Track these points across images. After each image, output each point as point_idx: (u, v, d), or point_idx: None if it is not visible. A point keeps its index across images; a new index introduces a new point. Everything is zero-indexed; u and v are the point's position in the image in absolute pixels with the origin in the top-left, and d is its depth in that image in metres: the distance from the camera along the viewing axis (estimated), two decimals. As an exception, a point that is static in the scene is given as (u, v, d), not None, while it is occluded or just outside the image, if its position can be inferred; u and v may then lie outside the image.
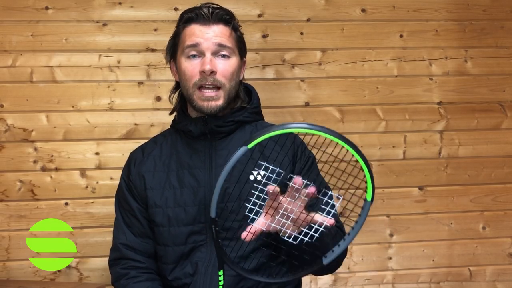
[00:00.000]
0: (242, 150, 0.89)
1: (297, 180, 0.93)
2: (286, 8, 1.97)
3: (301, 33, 1.98)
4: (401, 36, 2.02)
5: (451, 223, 2.05)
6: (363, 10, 2.00)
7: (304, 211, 0.97)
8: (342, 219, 1.25)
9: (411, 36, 2.02)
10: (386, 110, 2.01)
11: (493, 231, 2.06)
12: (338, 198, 0.96)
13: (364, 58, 2.00)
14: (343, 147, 0.88)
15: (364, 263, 2.02)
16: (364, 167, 0.88)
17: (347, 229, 0.99)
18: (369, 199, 0.90)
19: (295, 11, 1.98)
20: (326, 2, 1.99)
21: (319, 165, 1.32)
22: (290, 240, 0.98)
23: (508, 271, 2.08)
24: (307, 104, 1.98)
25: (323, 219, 0.96)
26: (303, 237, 0.97)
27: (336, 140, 0.87)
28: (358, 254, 2.02)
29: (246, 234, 0.98)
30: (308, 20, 1.98)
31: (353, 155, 0.88)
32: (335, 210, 1.00)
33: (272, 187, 0.94)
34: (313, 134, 0.88)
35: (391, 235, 2.03)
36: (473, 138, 2.05)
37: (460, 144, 2.04)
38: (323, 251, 0.97)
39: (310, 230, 0.97)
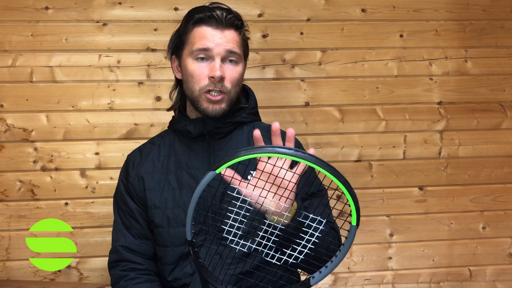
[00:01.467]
0: (210, 175, 0.88)
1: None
2: (286, 8, 1.97)
3: (301, 33, 1.98)
4: (401, 36, 2.02)
5: (451, 223, 2.05)
6: (363, 10, 2.00)
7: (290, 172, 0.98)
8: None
9: (411, 36, 2.02)
10: (386, 110, 2.01)
11: (493, 231, 2.06)
12: (321, 222, 0.95)
13: (364, 58, 2.00)
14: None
15: (364, 263, 2.02)
16: (346, 192, 0.86)
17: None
18: (354, 223, 0.89)
19: (295, 11, 1.98)
20: (326, 2, 1.99)
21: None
22: (273, 261, 0.97)
23: (508, 271, 2.08)
24: (307, 104, 1.98)
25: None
26: (287, 258, 0.97)
27: (313, 165, 0.84)
28: (358, 254, 2.02)
29: (231, 174, 0.96)
30: (308, 20, 1.98)
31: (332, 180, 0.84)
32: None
33: (256, 133, 0.98)
34: (286, 159, 0.86)
35: (391, 235, 2.03)
36: (473, 138, 2.05)
37: (460, 144, 2.04)
38: (309, 270, 0.97)
39: (294, 252, 0.97)
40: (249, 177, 1.22)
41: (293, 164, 0.98)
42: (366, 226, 2.01)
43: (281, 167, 0.96)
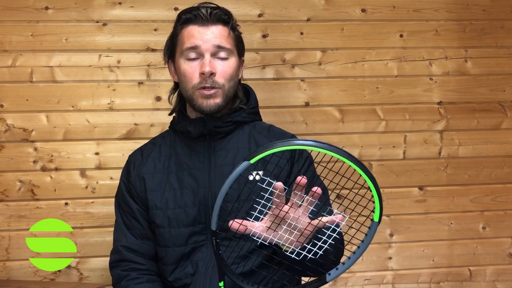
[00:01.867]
0: (244, 164, 0.87)
1: (303, 180, 0.92)
2: (286, 8, 1.97)
3: (301, 33, 1.98)
4: (401, 36, 2.02)
5: (451, 223, 2.05)
6: (363, 10, 2.00)
7: (308, 219, 0.95)
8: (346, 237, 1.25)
9: (411, 36, 2.02)
10: (386, 110, 2.01)
11: (493, 231, 2.06)
12: (344, 217, 0.94)
13: (364, 58, 2.00)
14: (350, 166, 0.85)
15: (364, 263, 2.02)
16: (372, 188, 0.86)
17: (352, 248, 0.97)
18: (376, 219, 0.89)
19: (295, 11, 1.98)
20: (326, 2, 1.99)
21: (325, 182, 1.31)
22: (293, 256, 0.96)
23: (508, 271, 2.08)
24: (307, 104, 1.98)
25: (331, 219, 0.94)
26: (306, 254, 0.95)
27: (343, 159, 0.84)
28: (358, 254, 2.02)
29: (238, 226, 0.95)
30: (308, 20, 1.98)
31: (360, 175, 0.85)
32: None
33: (278, 184, 0.92)
34: (319, 152, 0.85)
35: (391, 235, 2.03)
36: (473, 138, 2.05)
37: (460, 144, 2.04)
38: (327, 268, 0.96)
39: (314, 247, 0.96)
40: (250, 177, 1.23)
41: (314, 213, 0.96)
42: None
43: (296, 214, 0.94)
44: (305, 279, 1.06)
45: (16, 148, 1.88)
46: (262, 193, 0.97)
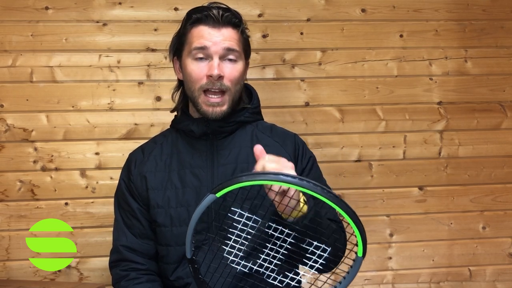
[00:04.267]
0: (209, 198, 0.86)
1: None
2: (286, 8, 1.97)
3: (301, 33, 1.98)
4: (401, 36, 2.02)
5: (451, 223, 2.05)
6: (363, 10, 2.00)
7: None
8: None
9: (411, 36, 2.02)
10: (386, 110, 2.01)
11: (493, 231, 2.06)
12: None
13: (364, 58, 2.00)
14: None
15: (364, 263, 2.00)
16: (351, 223, 0.82)
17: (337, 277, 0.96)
18: (360, 254, 0.86)
19: (295, 11, 1.98)
20: (326, 2, 1.99)
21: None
22: (275, 283, 0.95)
23: (508, 271, 2.08)
24: (307, 104, 1.98)
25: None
26: (289, 281, 0.94)
27: (316, 195, 0.80)
28: (358, 254, 2.02)
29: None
30: (308, 20, 1.98)
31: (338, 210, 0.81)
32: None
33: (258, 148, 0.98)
34: (289, 187, 0.82)
35: (391, 235, 2.03)
36: (473, 138, 2.05)
37: (460, 144, 2.04)
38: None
39: (297, 276, 0.96)
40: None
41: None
42: (366, 226, 1.98)
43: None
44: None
45: (16, 148, 1.88)
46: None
